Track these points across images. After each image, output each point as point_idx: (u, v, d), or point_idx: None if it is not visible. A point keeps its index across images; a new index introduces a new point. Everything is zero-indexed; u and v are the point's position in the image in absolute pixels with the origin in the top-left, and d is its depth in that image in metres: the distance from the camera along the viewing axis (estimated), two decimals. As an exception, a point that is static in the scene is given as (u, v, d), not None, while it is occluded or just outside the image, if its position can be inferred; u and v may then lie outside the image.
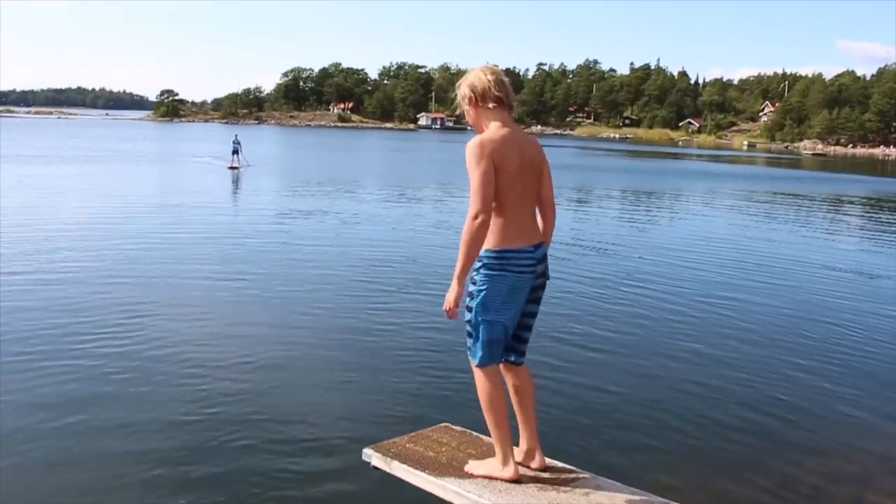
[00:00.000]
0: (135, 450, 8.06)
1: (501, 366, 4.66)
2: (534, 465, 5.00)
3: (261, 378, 10.20)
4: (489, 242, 4.22)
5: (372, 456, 4.99)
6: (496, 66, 4.32)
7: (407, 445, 5.12)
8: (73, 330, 12.00)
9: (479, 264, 4.27)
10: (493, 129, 4.19)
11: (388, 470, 4.92)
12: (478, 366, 4.56)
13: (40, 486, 7.43)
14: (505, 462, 4.76)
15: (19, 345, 11.13)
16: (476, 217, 4.03)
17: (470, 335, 4.46)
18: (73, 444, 8.16)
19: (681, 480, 7.59)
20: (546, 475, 4.95)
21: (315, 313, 13.58)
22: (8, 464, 7.67)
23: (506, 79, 4.27)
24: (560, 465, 5.13)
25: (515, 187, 4.18)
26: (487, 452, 5.15)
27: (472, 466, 4.87)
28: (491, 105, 4.23)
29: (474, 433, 5.49)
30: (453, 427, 5.55)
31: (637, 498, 4.79)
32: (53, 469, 7.69)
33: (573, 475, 5.00)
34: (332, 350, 11.67)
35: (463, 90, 4.32)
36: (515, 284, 4.27)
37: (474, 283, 4.33)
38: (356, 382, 10.28)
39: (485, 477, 4.77)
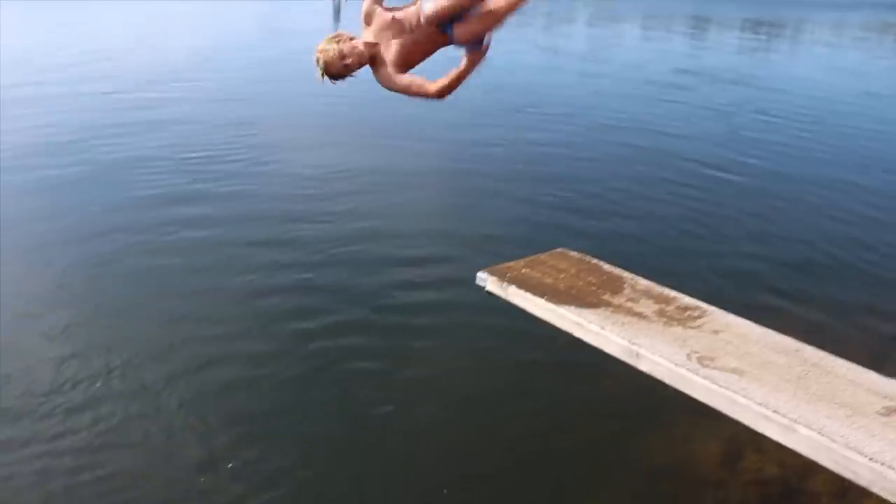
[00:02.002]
0: (244, 260, 8.27)
1: None
2: None
3: (370, 196, 10.08)
4: None
5: (487, 280, 4.75)
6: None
7: (523, 271, 4.84)
8: (187, 144, 12.19)
9: None
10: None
11: (503, 296, 4.69)
12: None
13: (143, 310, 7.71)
14: None
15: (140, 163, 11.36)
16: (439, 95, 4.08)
17: None
18: (190, 266, 8.38)
19: (808, 319, 7.15)
20: (671, 310, 4.62)
21: (431, 132, 13.14)
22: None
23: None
24: (687, 299, 4.77)
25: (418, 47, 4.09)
26: (608, 280, 4.85)
27: None
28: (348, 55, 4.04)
29: (593, 260, 5.15)
30: (570, 253, 5.21)
31: (768, 338, 4.44)
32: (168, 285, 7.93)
33: (700, 311, 4.65)
34: (441, 166, 11.37)
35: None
36: None
37: None
38: (468, 203, 10.02)
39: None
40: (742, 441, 5.74)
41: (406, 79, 4.09)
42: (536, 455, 5.71)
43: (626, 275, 4.95)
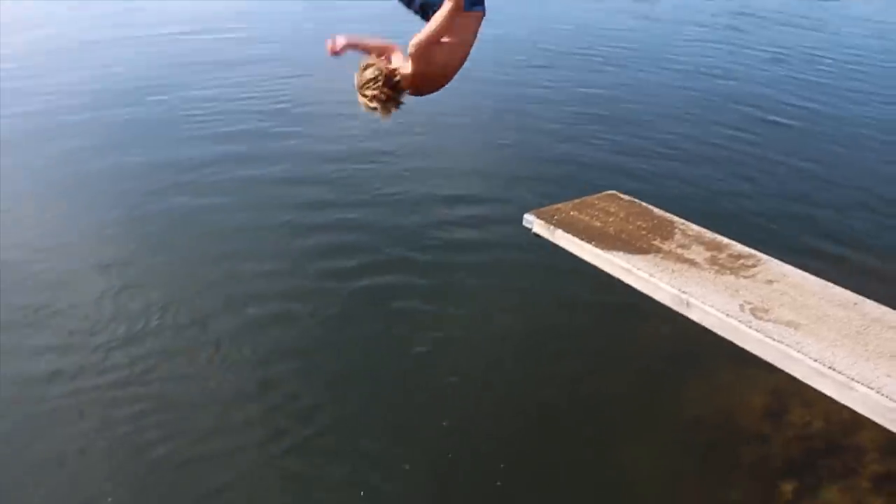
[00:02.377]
0: (287, 199, 8.23)
1: None
2: None
3: (416, 136, 9.87)
4: None
5: (533, 222, 4.60)
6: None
7: (571, 213, 4.68)
8: (234, 85, 12.14)
9: None
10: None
11: (550, 238, 4.54)
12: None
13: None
14: None
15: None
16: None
17: None
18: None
19: (867, 267, 6.85)
20: (723, 257, 4.45)
21: (479, 73, 12.75)
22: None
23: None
24: (739, 247, 4.58)
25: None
26: (658, 225, 4.68)
27: None
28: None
29: (643, 203, 4.97)
30: (621, 195, 5.03)
31: (826, 290, 4.25)
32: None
33: (754, 259, 4.47)
34: (489, 105, 11.08)
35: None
36: None
37: None
38: (515, 142, 9.76)
39: None
40: (787, 394, 5.59)
41: (427, 28, 3.86)
42: (574, 399, 5.63)
43: (677, 220, 4.77)
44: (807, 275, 4.37)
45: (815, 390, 3.73)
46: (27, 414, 5.45)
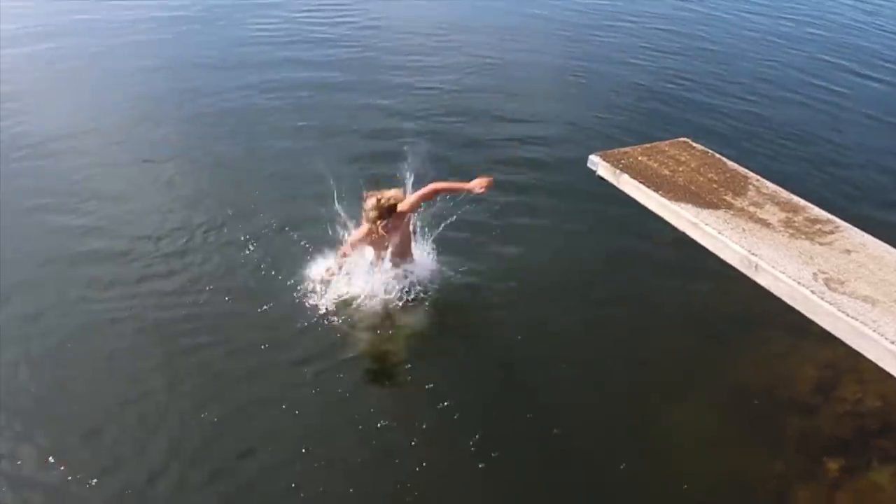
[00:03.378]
0: (346, 119, 8.04)
1: None
2: None
3: (485, 52, 9.62)
4: None
5: (599, 164, 4.31)
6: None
7: (639, 158, 4.37)
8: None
9: None
10: None
11: (614, 183, 4.26)
12: None
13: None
14: None
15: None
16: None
17: None
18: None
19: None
20: (799, 220, 4.13)
21: (559, 3, 12.36)
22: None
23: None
24: (817, 210, 4.25)
25: None
26: (731, 179, 4.37)
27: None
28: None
29: (717, 154, 4.63)
30: (694, 144, 4.69)
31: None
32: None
33: (833, 226, 4.14)
34: (569, 33, 10.67)
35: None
36: None
37: None
38: (588, 72, 9.40)
39: None
40: (841, 368, 5.31)
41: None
42: (620, 348, 5.42)
43: (752, 175, 4.44)
44: (888, 247, 4.04)
45: (871, 367, 3.47)
46: (58, 295, 5.50)
